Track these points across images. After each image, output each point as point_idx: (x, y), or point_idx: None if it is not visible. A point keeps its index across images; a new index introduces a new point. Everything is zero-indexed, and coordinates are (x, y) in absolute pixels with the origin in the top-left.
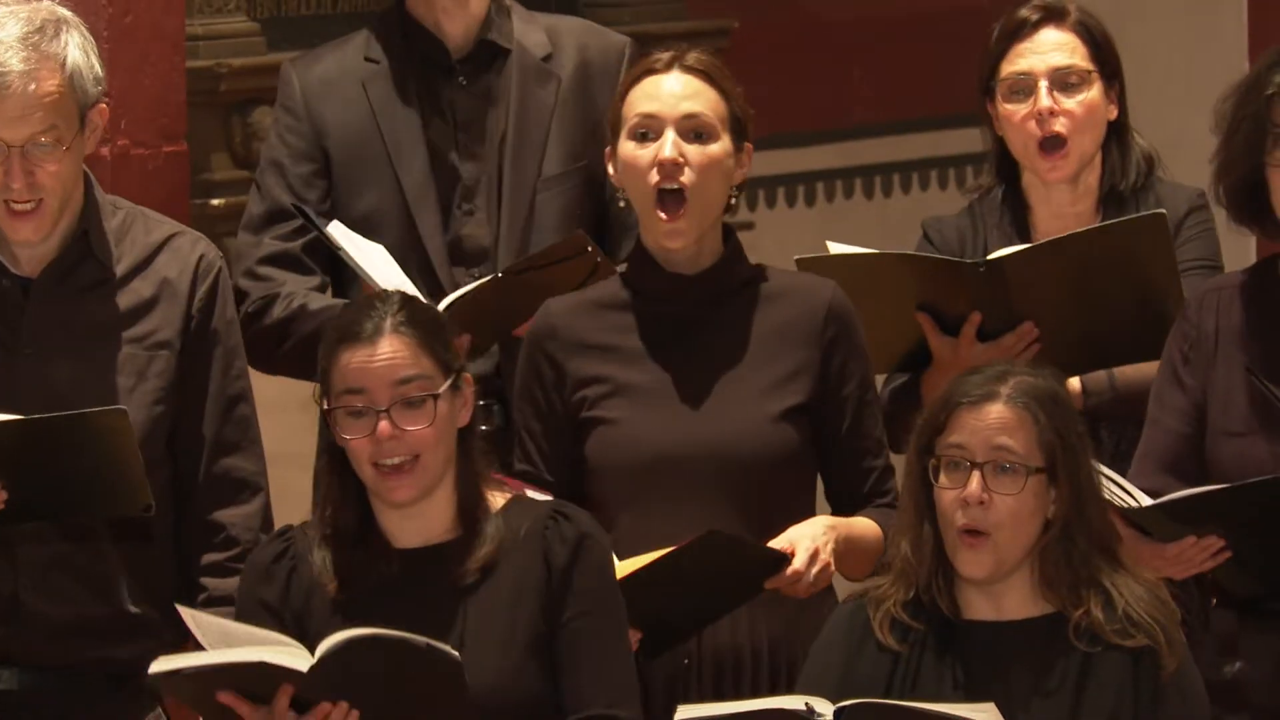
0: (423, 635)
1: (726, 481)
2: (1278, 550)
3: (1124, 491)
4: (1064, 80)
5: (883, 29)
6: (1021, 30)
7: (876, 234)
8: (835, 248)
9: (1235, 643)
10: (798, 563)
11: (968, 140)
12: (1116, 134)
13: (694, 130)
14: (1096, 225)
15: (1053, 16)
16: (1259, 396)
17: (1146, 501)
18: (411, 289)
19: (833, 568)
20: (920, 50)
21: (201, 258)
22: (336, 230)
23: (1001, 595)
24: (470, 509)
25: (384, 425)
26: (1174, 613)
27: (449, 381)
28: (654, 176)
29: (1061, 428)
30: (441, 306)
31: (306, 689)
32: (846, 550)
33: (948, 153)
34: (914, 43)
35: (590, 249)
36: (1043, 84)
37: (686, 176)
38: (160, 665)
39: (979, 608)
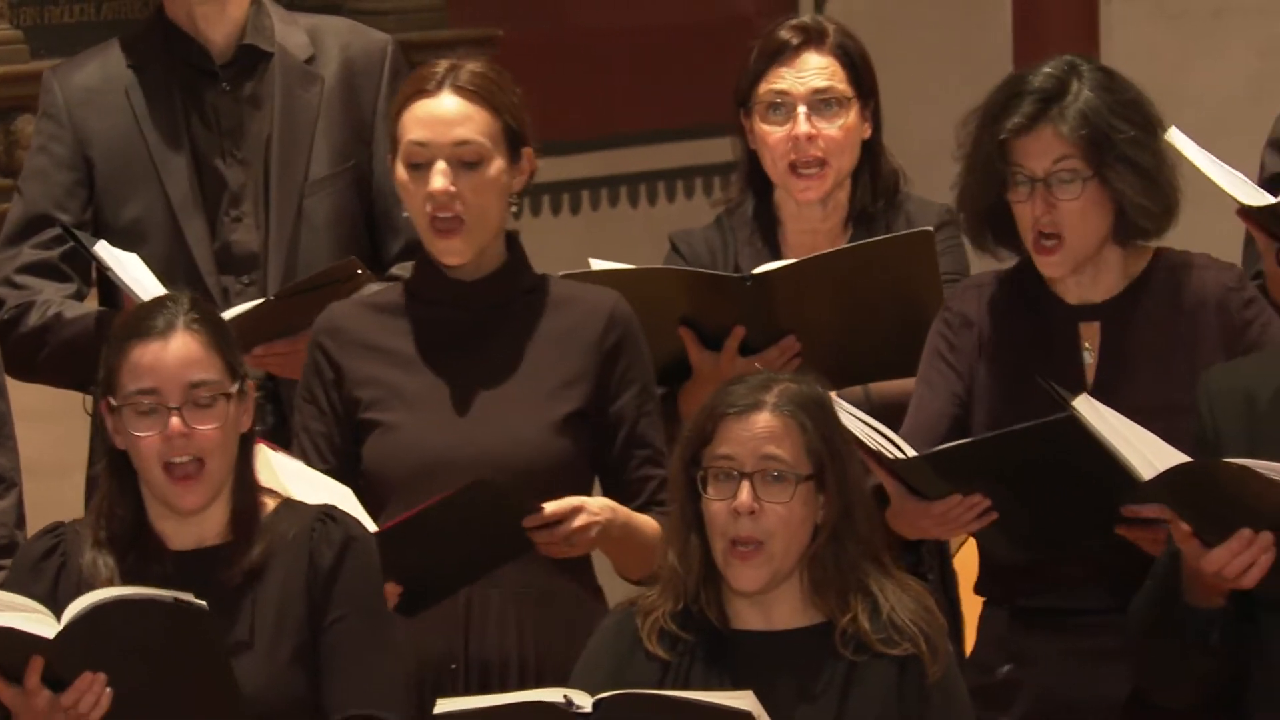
0: None
1: None
2: (1041, 508)
3: (891, 444)
4: (822, 105)
5: (646, 38)
6: (782, 53)
7: (641, 242)
8: (597, 264)
9: (1006, 644)
10: (554, 506)
11: (729, 149)
12: (869, 153)
13: (465, 159)
14: (864, 241)
15: (813, 39)
16: (1017, 395)
17: (912, 453)
18: None
19: (594, 533)
20: (683, 60)
21: None
22: (103, 250)
23: (771, 605)
24: (245, 513)
25: (175, 422)
26: (939, 621)
27: (236, 385)
28: (428, 206)
29: (828, 434)
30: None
31: (58, 663)
32: (624, 538)
33: (711, 161)
34: (677, 52)
35: (361, 272)
36: (801, 109)
37: (460, 205)
38: None
39: (748, 618)
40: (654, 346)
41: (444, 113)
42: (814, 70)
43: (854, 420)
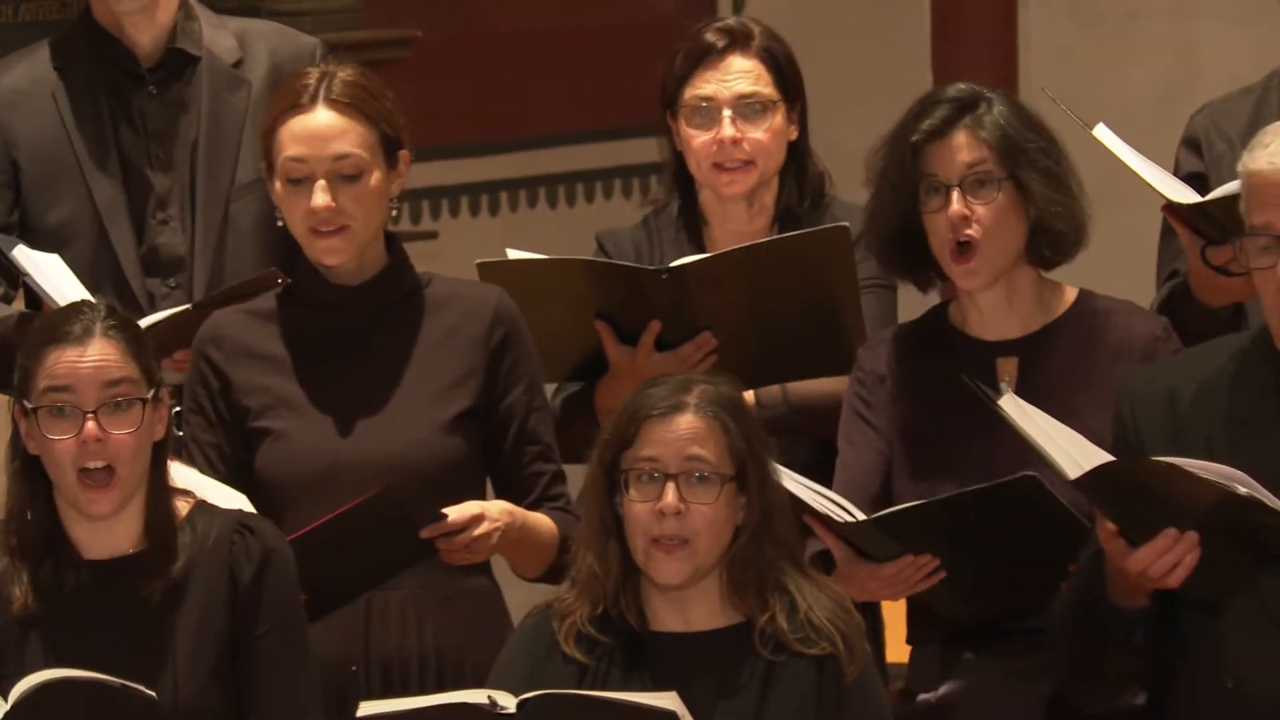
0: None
1: None
2: (992, 566)
3: (840, 508)
4: (748, 109)
5: (564, 39)
6: (707, 56)
7: (560, 243)
8: (514, 254)
9: (940, 667)
10: (456, 513)
11: (651, 150)
12: (795, 155)
13: (344, 173)
14: (781, 235)
15: (738, 43)
16: (939, 440)
17: (861, 517)
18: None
19: (495, 540)
20: (602, 60)
21: None
22: (21, 254)
23: (689, 607)
24: (159, 522)
25: (91, 426)
26: (857, 621)
27: (151, 393)
28: (309, 220)
29: (748, 435)
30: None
31: None
32: (522, 539)
33: (631, 162)
34: (596, 53)
35: (282, 281)
36: (726, 112)
37: (340, 218)
38: None
39: (667, 620)
40: (566, 340)
41: (320, 128)
42: (738, 74)
43: (799, 486)
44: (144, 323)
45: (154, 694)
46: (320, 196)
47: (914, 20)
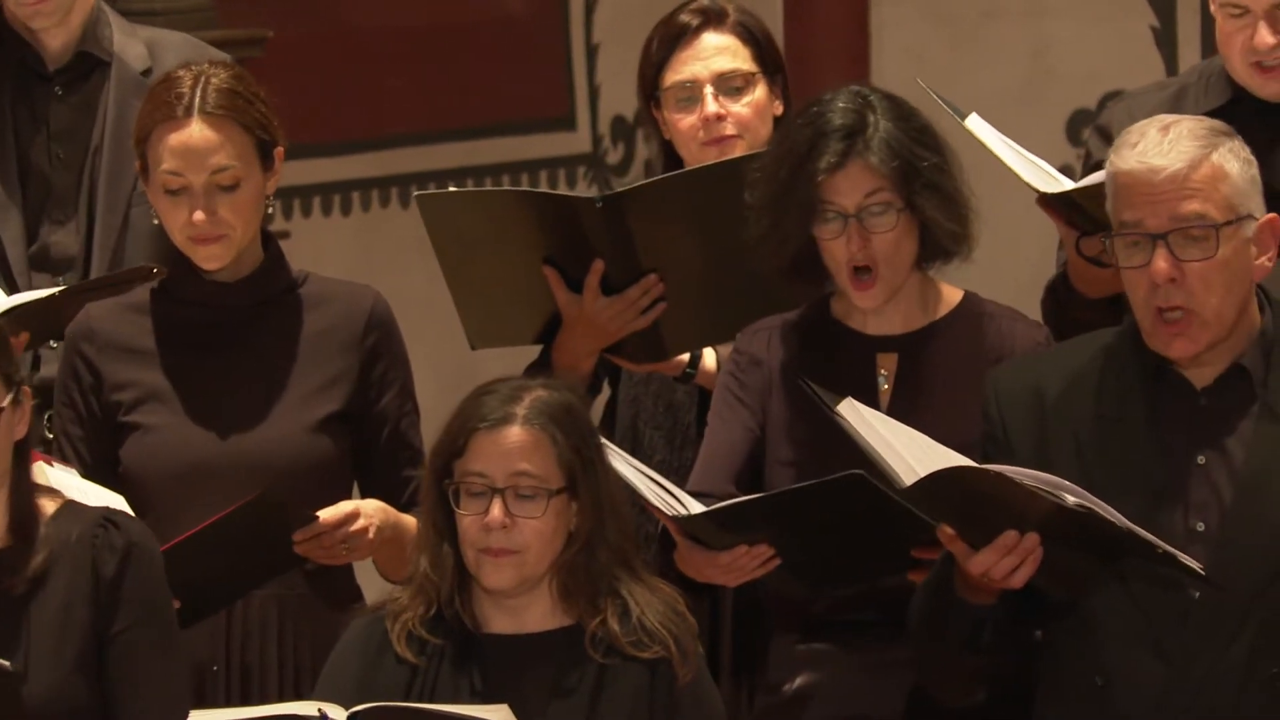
0: None
1: None
2: (821, 554)
3: (676, 500)
4: (729, 85)
5: (417, 38)
6: (682, 37)
7: (412, 244)
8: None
9: (796, 659)
10: (329, 513)
11: (502, 149)
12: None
13: (222, 184)
14: (716, 161)
15: (712, 20)
16: (813, 427)
17: (697, 509)
18: None
19: (372, 534)
20: (455, 59)
21: None
22: None
23: (522, 609)
24: (24, 519)
25: None
26: (689, 624)
27: (11, 395)
28: (188, 230)
29: (579, 444)
30: (3, 307)
31: None
32: (394, 538)
33: (483, 162)
34: (449, 52)
35: (157, 273)
36: (708, 90)
37: (220, 228)
38: None
39: (499, 622)
40: (529, 299)
41: (197, 143)
42: (714, 50)
43: (637, 474)
44: (9, 303)
45: (8, 664)
46: (199, 212)
47: (766, 19)
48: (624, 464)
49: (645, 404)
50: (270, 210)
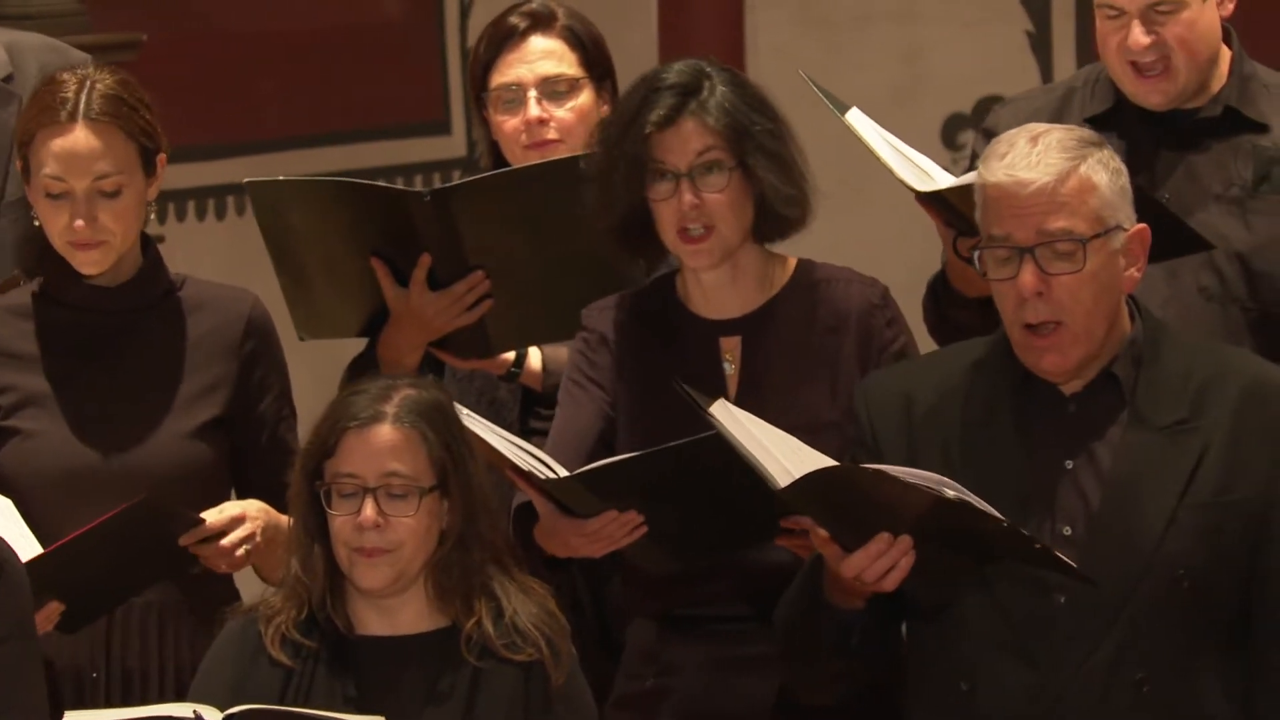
0: None
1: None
2: (690, 521)
3: (541, 463)
4: (552, 89)
5: (291, 42)
6: (509, 39)
7: None
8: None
9: (654, 653)
10: (215, 517)
11: (378, 153)
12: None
13: (104, 190)
14: (544, 160)
15: (540, 24)
16: (663, 410)
17: (564, 473)
18: None
19: (259, 537)
20: (330, 64)
21: None
22: None
23: (396, 610)
24: None
25: None
26: (562, 625)
27: None
28: (68, 235)
29: (449, 441)
30: None
31: None
32: (275, 539)
33: (360, 166)
34: (324, 56)
35: (21, 280)
36: (532, 94)
37: (101, 234)
38: None
39: (373, 623)
40: (360, 291)
41: (80, 149)
42: (540, 54)
43: (501, 440)
44: None
45: None
46: (80, 220)
47: (640, 20)
48: (486, 430)
49: (468, 401)
50: (151, 214)
